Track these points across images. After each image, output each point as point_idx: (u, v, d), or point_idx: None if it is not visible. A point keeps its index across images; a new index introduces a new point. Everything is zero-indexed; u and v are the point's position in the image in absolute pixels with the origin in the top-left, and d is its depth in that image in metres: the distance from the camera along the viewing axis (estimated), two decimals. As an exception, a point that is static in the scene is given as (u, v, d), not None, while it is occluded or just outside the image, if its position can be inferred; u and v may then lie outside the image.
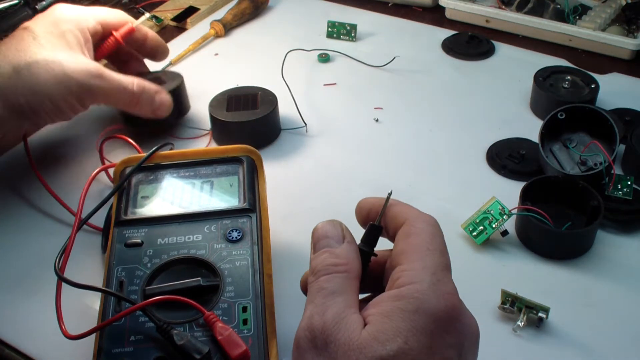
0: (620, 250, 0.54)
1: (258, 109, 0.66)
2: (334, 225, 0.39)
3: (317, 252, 0.38)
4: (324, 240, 0.38)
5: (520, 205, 0.55)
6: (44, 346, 0.48)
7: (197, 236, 0.47)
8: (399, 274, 0.35)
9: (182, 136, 0.68)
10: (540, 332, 0.48)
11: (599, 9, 0.82)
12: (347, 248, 0.38)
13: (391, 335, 0.32)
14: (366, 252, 0.39)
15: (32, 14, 0.88)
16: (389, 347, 0.32)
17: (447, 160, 0.65)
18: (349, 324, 0.34)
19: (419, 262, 0.35)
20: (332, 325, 0.34)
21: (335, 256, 0.37)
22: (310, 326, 0.34)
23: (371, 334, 0.33)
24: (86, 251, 0.54)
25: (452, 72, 0.78)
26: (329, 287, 0.36)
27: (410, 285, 0.34)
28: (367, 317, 0.34)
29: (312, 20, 0.88)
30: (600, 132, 0.60)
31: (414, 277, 0.34)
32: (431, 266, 0.35)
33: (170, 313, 0.42)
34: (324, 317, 0.34)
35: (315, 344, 0.34)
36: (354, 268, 0.37)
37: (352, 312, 0.34)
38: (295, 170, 0.64)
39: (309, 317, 0.35)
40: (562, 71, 0.72)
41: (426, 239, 0.37)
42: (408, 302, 0.33)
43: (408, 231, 0.37)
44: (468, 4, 0.86)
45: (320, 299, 0.35)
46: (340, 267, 0.37)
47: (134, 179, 0.51)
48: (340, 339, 0.33)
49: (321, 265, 0.37)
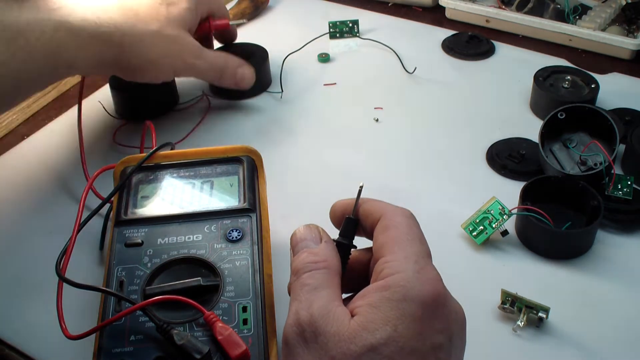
0: (620, 250, 0.54)
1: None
2: (310, 228, 0.40)
3: (296, 254, 0.39)
4: (302, 243, 0.39)
5: (520, 205, 0.55)
6: (44, 346, 0.48)
7: (197, 236, 0.47)
8: (382, 266, 0.36)
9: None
10: (540, 332, 0.48)
11: (599, 9, 0.82)
12: (325, 247, 0.39)
13: (380, 324, 0.33)
14: (345, 245, 0.40)
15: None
16: (378, 335, 0.32)
17: (447, 160, 0.65)
18: (337, 316, 0.34)
19: (401, 252, 0.36)
20: (319, 318, 0.34)
21: (314, 254, 0.38)
22: (297, 321, 0.35)
23: (360, 324, 0.33)
24: (86, 251, 0.55)
25: (452, 72, 0.78)
26: (311, 283, 0.36)
27: (395, 275, 0.35)
28: (354, 309, 0.35)
29: (312, 21, 0.88)
30: (600, 132, 0.60)
31: (398, 267, 0.35)
32: (412, 255, 0.36)
33: (170, 313, 0.42)
34: (310, 311, 0.35)
35: (304, 338, 0.34)
36: (333, 264, 0.38)
37: (338, 305, 0.35)
38: (295, 169, 0.64)
39: (295, 312, 0.35)
40: (562, 71, 0.72)
41: (404, 230, 0.37)
42: (394, 291, 0.34)
43: (386, 225, 0.38)
44: (468, 4, 0.86)
45: (305, 295, 0.36)
46: (320, 264, 0.37)
47: (134, 178, 0.51)
48: (330, 330, 0.33)
49: (301, 264, 0.38)
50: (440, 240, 0.55)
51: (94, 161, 0.63)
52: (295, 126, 0.70)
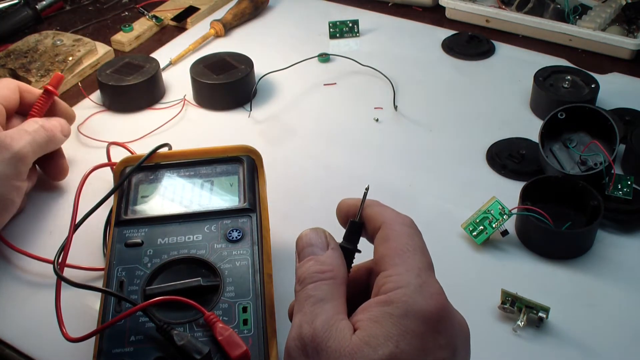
0: (620, 250, 0.54)
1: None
2: (317, 233, 0.39)
3: (302, 260, 0.38)
4: (309, 249, 0.38)
5: (520, 205, 0.55)
6: (44, 346, 0.48)
7: (197, 236, 0.47)
8: (383, 280, 0.35)
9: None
10: (540, 332, 0.48)
11: (599, 9, 0.82)
12: (332, 254, 0.38)
13: (382, 340, 0.32)
14: (349, 249, 0.39)
15: (32, 13, 0.88)
16: (380, 351, 0.32)
17: (447, 160, 0.65)
18: (339, 331, 0.33)
19: (402, 266, 0.35)
20: (322, 333, 0.33)
21: (321, 263, 0.37)
22: (300, 335, 0.34)
23: (362, 339, 0.33)
24: (87, 251, 0.54)
25: (452, 72, 0.78)
26: (316, 294, 0.35)
27: (397, 290, 0.34)
28: (356, 322, 0.34)
29: (312, 21, 0.88)
30: (600, 132, 0.60)
31: (400, 282, 0.34)
32: (414, 268, 0.35)
33: (171, 313, 0.42)
34: (313, 325, 0.34)
35: (306, 353, 0.34)
36: (340, 274, 0.37)
37: (341, 319, 0.34)
38: (296, 170, 0.64)
39: (298, 326, 0.35)
40: (562, 71, 0.72)
41: (405, 241, 0.36)
42: (396, 306, 0.33)
43: (386, 235, 0.37)
44: (468, 4, 0.86)
45: (309, 307, 0.35)
46: (327, 274, 0.36)
47: (134, 178, 0.51)
48: (331, 345, 0.33)
49: (307, 273, 0.37)
50: (440, 240, 0.55)
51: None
52: (295, 126, 0.70)
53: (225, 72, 0.72)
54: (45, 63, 0.76)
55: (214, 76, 0.71)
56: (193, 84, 0.73)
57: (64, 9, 0.95)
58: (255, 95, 0.74)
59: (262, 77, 0.75)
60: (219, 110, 0.72)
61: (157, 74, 0.73)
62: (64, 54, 0.78)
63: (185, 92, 0.74)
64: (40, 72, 0.75)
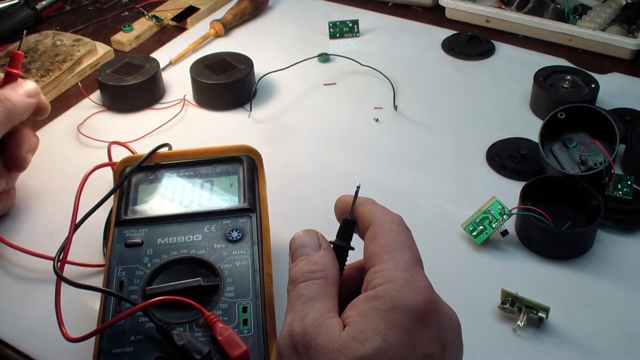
0: (620, 250, 0.54)
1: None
2: (309, 234, 0.40)
3: (294, 261, 0.39)
4: (301, 249, 0.39)
5: (520, 205, 0.55)
6: (44, 346, 0.48)
7: (197, 236, 0.47)
8: (372, 276, 0.35)
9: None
10: (540, 332, 0.48)
11: (599, 9, 0.82)
12: (324, 255, 0.38)
13: (370, 335, 0.33)
14: (342, 247, 0.39)
15: (32, 13, 0.88)
16: (368, 346, 0.32)
17: (447, 160, 0.65)
18: (329, 328, 0.34)
19: (390, 262, 0.35)
20: (311, 330, 0.34)
21: (313, 263, 0.38)
22: (290, 333, 0.34)
23: (350, 334, 0.33)
24: (87, 251, 0.54)
25: (452, 72, 0.78)
26: (307, 293, 0.36)
27: (384, 284, 0.34)
28: (345, 319, 0.34)
29: (312, 21, 0.88)
30: (600, 132, 0.60)
31: (387, 277, 0.35)
32: (402, 263, 0.35)
33: (170, 313, 0.42)
34: (303, 323, 0.34)
35: (296, 351, 0.34)
36: (331, 274, 0.37)
37: (332, 317, 0.35)
38: (295, 170, 0.64)
39: (289, 324, 0.35)
40: (562, 71, 0.72)
41: (393, 238, 0.37)
42: (384, 301, 0.33)
43: (375, 233, 0.38)
44: (468, 4, 0.86)
45: (300, 306, 0.35)
46: (318, 274, 0.37)
47: (134, 178, 0.51)
48: (321, 342, 0.33)
49: (299, 272, 0.37)
50: (440, 240, 0.55)
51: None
52: (295, 126, 0.70)
53: (225, 72, 0.72)
54: (45, 63, 0.76)
55: (214, 76, 0.72)
56: (193, 84, 0.73)
57: (64, 9, 0.95)
58: (255, 95, 0.74)
59: (262, 77, 0.75)
60: (219, 110, 0.72)
61: (157, 74, 0.73)
62: (64, 54, 0.78)
63: (185, 92, 0.74)
64: (40, 72, 0.75)
